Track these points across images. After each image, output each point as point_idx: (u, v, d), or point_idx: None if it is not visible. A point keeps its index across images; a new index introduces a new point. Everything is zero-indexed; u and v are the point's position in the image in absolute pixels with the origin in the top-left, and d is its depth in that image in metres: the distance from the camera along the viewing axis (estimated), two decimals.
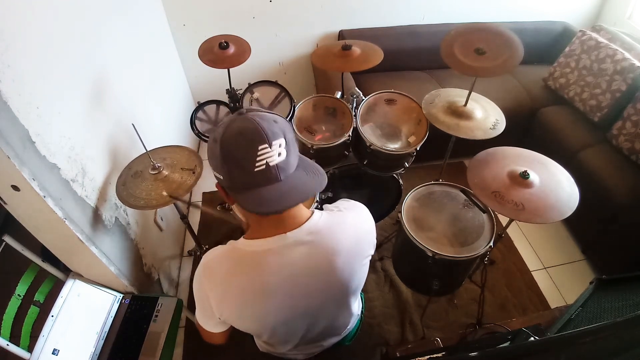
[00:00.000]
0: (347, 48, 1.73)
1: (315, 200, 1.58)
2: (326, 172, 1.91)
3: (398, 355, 1.24)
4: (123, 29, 1.71)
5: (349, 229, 0.85)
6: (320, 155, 1.66)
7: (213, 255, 0.83)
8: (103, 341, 1.35)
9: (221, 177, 0.73)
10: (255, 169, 0.69)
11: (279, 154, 0.70)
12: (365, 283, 0.97)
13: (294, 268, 0.80)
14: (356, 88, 1.83)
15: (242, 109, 0.75)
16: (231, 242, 0.84)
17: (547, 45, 2.75)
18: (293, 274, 0.80)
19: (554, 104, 2.50)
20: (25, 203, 1.04)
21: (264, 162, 0.69)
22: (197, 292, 0.84)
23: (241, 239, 0.83)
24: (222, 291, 0.80)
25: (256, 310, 0.83)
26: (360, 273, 0.90)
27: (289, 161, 0.73)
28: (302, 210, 0.83)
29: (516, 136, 2.14)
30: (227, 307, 0.82)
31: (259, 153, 0.68)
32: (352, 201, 0.95)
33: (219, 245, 0.85)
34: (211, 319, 0.86)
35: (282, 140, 0.71)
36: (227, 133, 0.70)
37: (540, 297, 2.02)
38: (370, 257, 0.92)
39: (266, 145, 0.68)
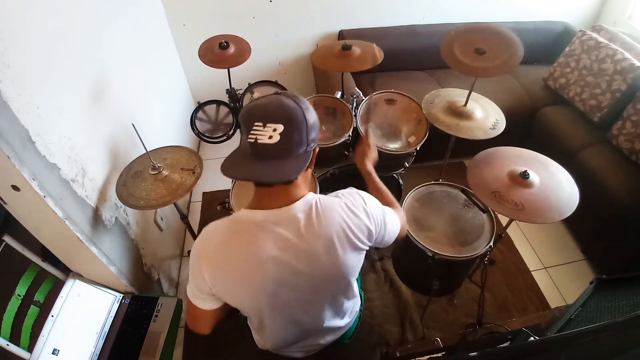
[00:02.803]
0: (347, 48, 1.73)
1: None
2: (326, 172, 1.91)
3: (398, 355, 1.24)
4: (123, 29, 1.71)
5: (336, 216, 0.84)
6: (320, 155, 1.66)
7: (212, 225, 0.86)
8: (103, 341, 1.35)
9: None
10: (248, 139, 0.76)
11: (270, 137, 0.74)
12: (365, 283, 0.97)
13: (283, 244, 0.81)
14: (356, 88, 1.83)
15: (286, 90, 0.82)
16: (235, 213, 0.87)
17: (547, 45, 2.75)
18: (282, 250, 0.81)
19: (554, 104, 2.49)
20: (25, 203, 1.04)
21: (254, 137, 0.75)
22: (191, 261, 0.86)
23: (242, 209, 0.85)
24: (214, 258, 0.83)
25: (247, 280, 0.84)
26: (347, 264, 0.88)
27: (280, 148, 0.75)
28: (297, 188, 0.85)
29: (516, 136, 2.14)
30: (219, 272, 0.83)
31: (253, 128, 0.75)
32: (355, 190, 0.94)
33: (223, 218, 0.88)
34: (201, 291, 0.87)
35: (279, 126, 0.74)
36: (254, 101, 0.80)
37: (540, 297, 2.02)
38: (363, 251, 0.91)
39: (260, 124, 0.75)
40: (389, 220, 0.96)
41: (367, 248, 0.92)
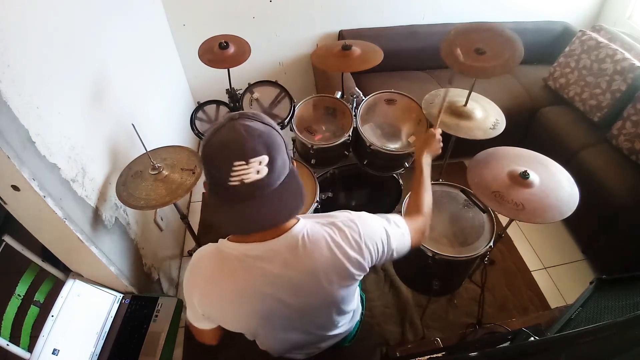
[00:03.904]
0: (347, 48, 1.73)
1: (315, 200, 1.58)
2: (326, 172, 1.91)
3: (398, 355, 1.24)
4: (123, 29, 1.71)
5: (323, 252, 0.79)
6: (320, 155, 1.67)
7: (201, 254, 0.84)
8: (103, 341, 1.35)
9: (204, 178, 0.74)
10: (229, 184, 0.66)
11: (258, 172, 0.66)
12: (365, 283, 0.97)
13: (266, 278, 0.79)
14: (356, 88, 1.83)
15: (236, 112, 0.72)
16: (220, 240, 0.84)
17: (547, 45, 2.75)
18: (272, 283, 0.79)
19: (554, 104, 2.49)
20: (25, 203, 1.04)
21: (239, 179, 0.66)
22: (185, 287, 0.85)
23: (226, 241, 0.82)
24: (204, 289, 0.82)
25: (236, 311, 0.84)
26: (335, 295, 0.86)
27: (270, 179, 0.68)
28: None
29: (516, 136, 2.14)
30: (208, 305, 0.83)
31: (234, 169, 0.65)
32: (350, 218, 0.85)
33: (209, 244, 0.85)
34: (197, 315, 0.87)
35: (263, 158, 0.66)
36: (212, 139, 0.68)
37: (540, 297, 2.02)
38: (354, 281, 0.86)
39: (243, 163, 0.65)
40: (395, 237, 0.89)
41: (360, 276, 0.87)
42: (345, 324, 1.09)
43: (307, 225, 0.80)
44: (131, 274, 1.53)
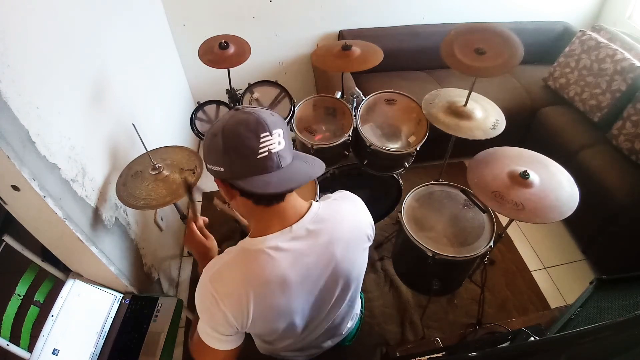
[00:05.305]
0: (347, 48, 1.73)
1: (315, 200, 1.58)
2: (326, 172, 1.91)
3: (398, 355, 1.24)
4: (123, 29, 1.71)
5: (345, 218, 0.87)
6: (320, 156, 1.63)
7: (219, 266, 0.79)
8: (103, 341, 1.35)
9: (221, 170, 0.74)
10: (258, 156, 0.71)
11: (279, 143, 0.73)
12: (365, 283, 0.98)
13: (304, 260, 0.80)
14: (356, 88, 1.83)
15: (235, 107, 0.78)
16: (230, 249, 0.82)
17: (547, 45, 2.75)
18: (304, 266, 0.80)
19: (554, 104, 2.50)
20: (25, 203, 1.04)
21: (267, 149, 0.72)
22: (206, 307, 0.78)
23: (246, 239, 0.81)
24: (240, 295, 0.76)
25: (278, 307, 0.80)
26: (359, 261, 0.92)
27: (287, 150, 0.76)
28: (301, 201, 0.85)
29: (516, 136, 2.14)
30: (247, 311, 0.78)
31: (262, 141, 0.71)
32: (346, 192, 0.97)
33: (216, 257, 0.83)
34: (223, 333, 0.80)
35: (280, 130, 0.74)
36: (229, 125, 0.72)
37: (540, 297, 2.02)
38: (368, 246, 0.94)
39: (268, 134, 0.71)
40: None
41: (371, 239, 0.95)
42: (352, 316, 1.10)
43: (322, 204, 0.87)
44: (131, 274, 1.53)
